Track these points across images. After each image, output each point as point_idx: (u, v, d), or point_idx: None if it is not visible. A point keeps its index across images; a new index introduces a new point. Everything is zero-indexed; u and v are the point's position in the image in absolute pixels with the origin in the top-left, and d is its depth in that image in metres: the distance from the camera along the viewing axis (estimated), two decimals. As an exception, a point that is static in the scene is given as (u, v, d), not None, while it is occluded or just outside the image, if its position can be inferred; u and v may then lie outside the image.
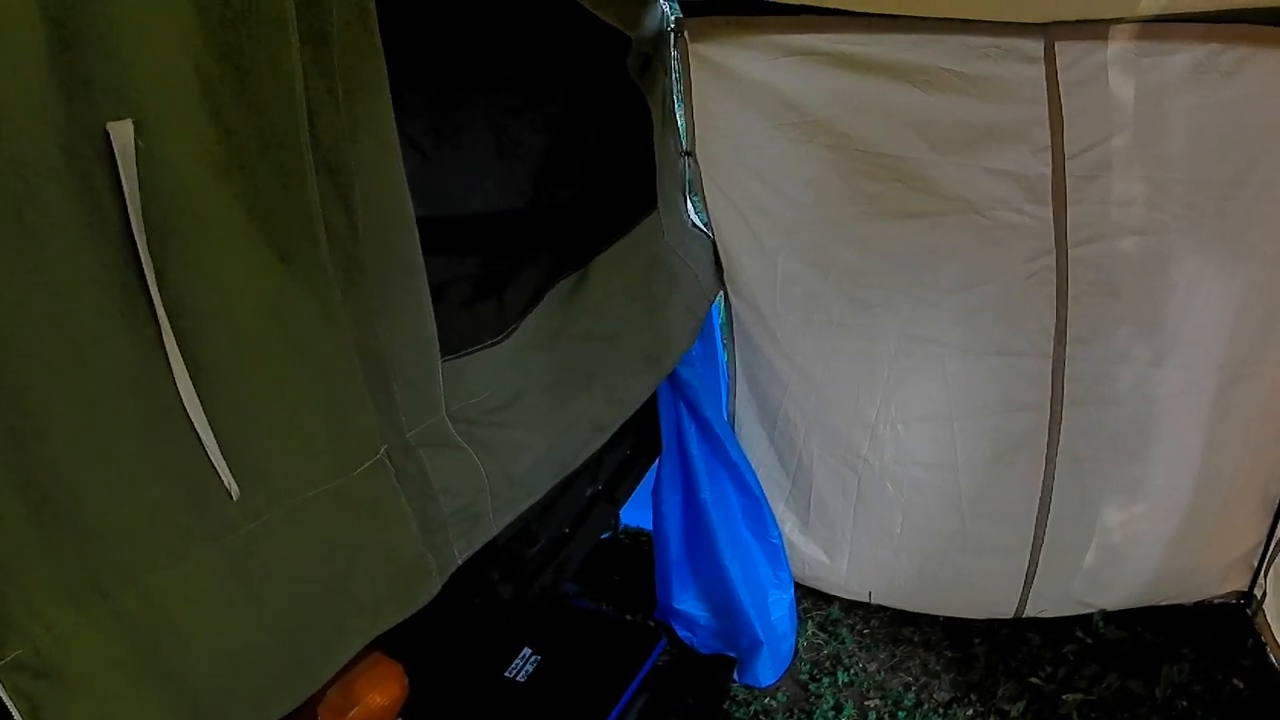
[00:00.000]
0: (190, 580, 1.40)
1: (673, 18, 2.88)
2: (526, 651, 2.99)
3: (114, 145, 1.18)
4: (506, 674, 2.93)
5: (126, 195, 1.20)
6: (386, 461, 1.70)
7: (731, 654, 3.43)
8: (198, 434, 1.36)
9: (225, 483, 1.41)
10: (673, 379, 2.79)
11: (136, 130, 1.20)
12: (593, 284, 2.21)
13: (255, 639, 1.51)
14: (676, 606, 3.42)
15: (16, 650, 1.23)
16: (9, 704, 1.23)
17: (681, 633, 3.47)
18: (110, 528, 1.30)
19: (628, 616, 3.64)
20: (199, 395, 1.35)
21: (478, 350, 1.93)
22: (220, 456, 1.40)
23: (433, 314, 1.77)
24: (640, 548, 3.96)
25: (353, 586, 1.68)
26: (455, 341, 1.83)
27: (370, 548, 1.70)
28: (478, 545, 1.94)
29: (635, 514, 3.64)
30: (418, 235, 1.71)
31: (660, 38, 2.85)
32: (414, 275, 1.72)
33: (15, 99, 1.08)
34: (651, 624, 3.43)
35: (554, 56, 2.40)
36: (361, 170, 1.56)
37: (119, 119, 1.18)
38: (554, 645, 3.03)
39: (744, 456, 3.24)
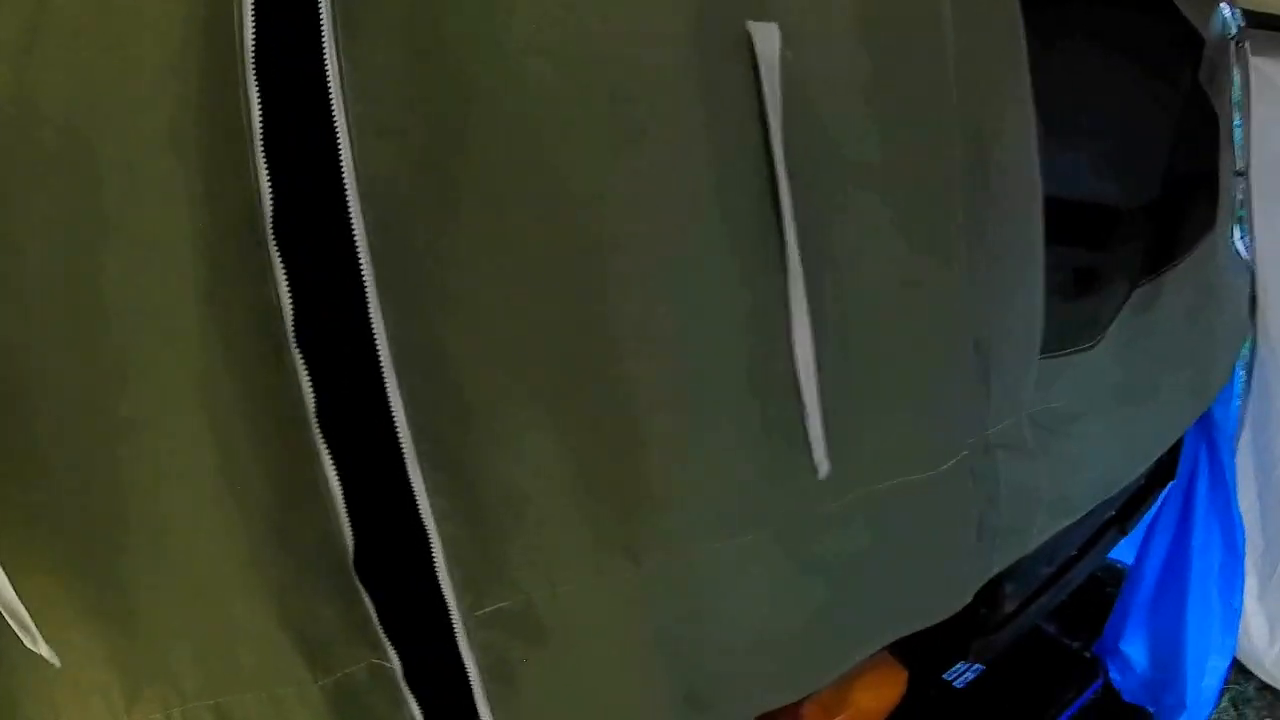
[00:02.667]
0: (746, 555, 1.19)
1: (1235, 25, 2.46)
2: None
3: (755, 47, 0.97)
4: (946, 676, 2.64)
5: (768, 107, 0.99)
6: (970, 458, 1.43)
7: (1151, 709, 2.99)
8: (801, 399, 1.13)
9: (815, 458, 1.16)
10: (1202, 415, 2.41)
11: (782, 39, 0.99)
12: (1164, 300, 1.87)
13: (788, 624, 1.29)
14: (1121, 646, 3.01)
15: (500, 602, 1.04)
16: (466, 657, 1.06)
17: (1113, 673, 3.04)
18: (672, 485, 1.10)
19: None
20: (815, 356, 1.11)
21: (1069, 354, 1.63)
22: (820, 428, 1.15)
23: (1043, 307, 1.49)
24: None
25: (899, 584, 1.43)
26: (1050, 340, 1.55)
27: (927, 547, 1.45)
28: (1012, 560, 1.64)
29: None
30: (1042, 217, 1.43)
31: (1223, 46, 2.45)
32: (1033, 261, 1.44)
33: None
34: (1090, 657, 3.05)
35: (1132, 50, 2.14)
36: (997, 134, 1.30)
37: (760, 20, 0.98)
38: (998, 657, 2.70)
39: (1239, 510, 2.78)
